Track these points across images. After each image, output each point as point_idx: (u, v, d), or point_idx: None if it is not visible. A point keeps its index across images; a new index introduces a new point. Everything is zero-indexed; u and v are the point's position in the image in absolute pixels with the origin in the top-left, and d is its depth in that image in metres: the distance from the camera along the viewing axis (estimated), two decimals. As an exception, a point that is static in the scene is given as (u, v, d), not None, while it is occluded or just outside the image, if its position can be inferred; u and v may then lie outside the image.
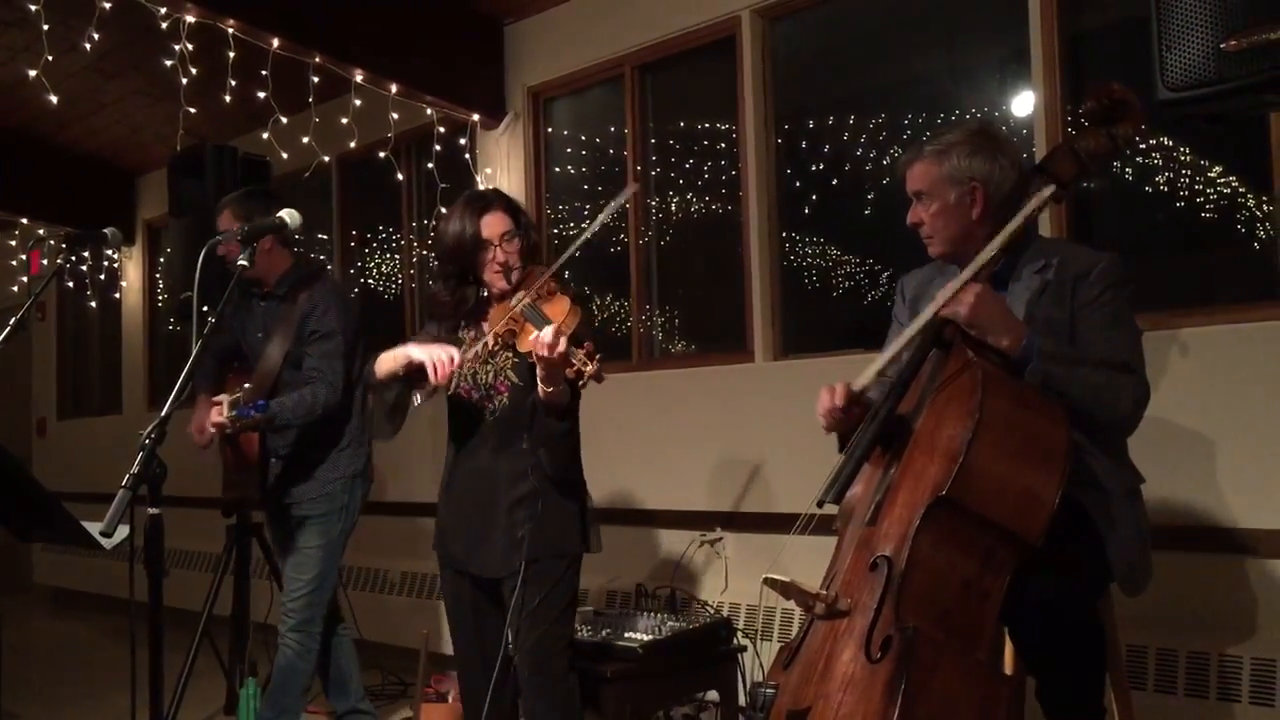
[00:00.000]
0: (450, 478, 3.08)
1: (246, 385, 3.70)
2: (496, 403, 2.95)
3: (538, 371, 2.68)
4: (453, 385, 2.98)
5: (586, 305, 3.01)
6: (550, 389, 2.69)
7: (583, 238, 2.82)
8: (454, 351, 2.78)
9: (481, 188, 5.44)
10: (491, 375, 2.96)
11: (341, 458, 3.75)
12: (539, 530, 2.89)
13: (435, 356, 2.76)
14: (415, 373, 2.82)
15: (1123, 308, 2.39)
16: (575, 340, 2.60)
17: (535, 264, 2.99)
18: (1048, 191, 2.37)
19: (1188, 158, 3.60)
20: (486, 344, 2.85)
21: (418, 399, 2.94)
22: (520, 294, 2.84)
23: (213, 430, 3.58)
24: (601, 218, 2.83)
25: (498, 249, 2.91)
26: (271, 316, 3.78)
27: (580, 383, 2.57)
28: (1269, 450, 3.19)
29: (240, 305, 3.89)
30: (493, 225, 2.92)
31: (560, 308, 2.71)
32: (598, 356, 2.56)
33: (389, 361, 2.87)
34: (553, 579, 2.92)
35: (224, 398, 3.52)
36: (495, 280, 2.94)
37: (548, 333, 2.56)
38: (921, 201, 2.53)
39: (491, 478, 2.96)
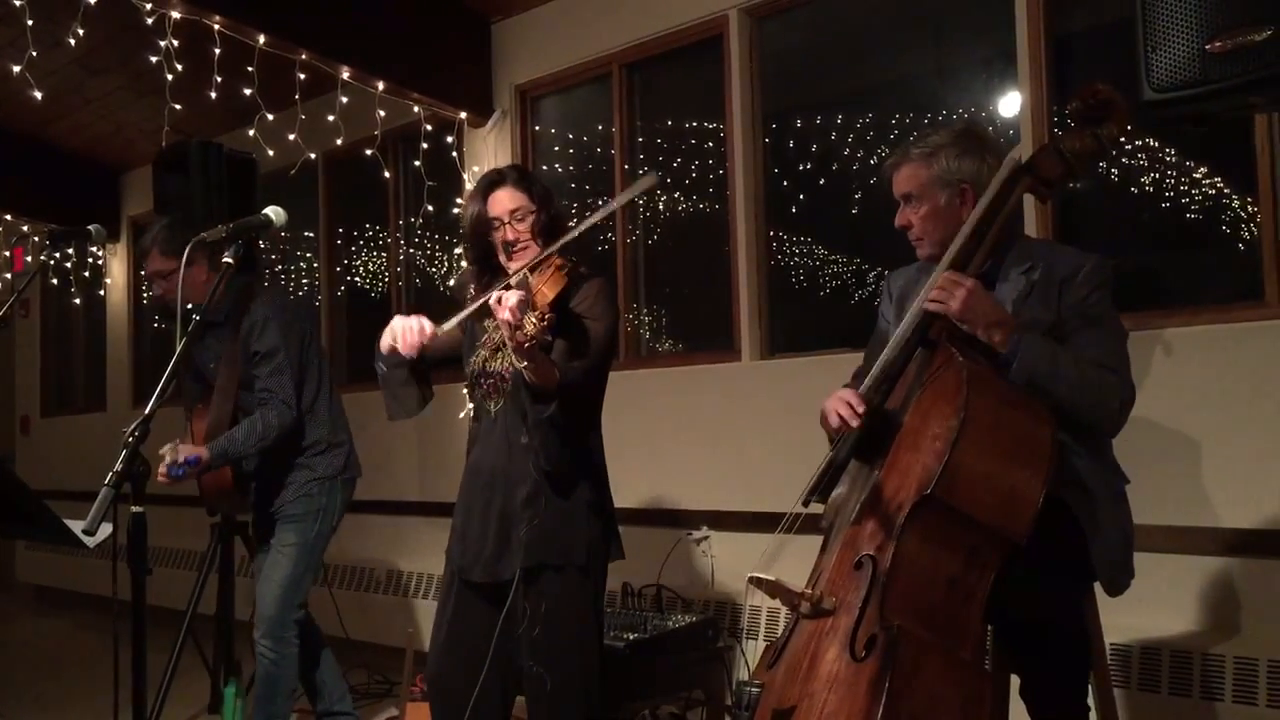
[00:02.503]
0: (464, 475, 2.89)
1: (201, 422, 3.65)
2: (502, 391, 2.76)
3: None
4: (468, 372, 2.84)
5: (607, 282, 2.81)
6: (522, 364, 2.48)
7: (593, 218, 2.68)
8: (425, 321, 2.69)
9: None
10: (500, 363, 2.76)
11: (317, 462, 3.72)
12: (537, 532, 2.66)
13: (405, 325, 2.69)
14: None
15: (1109, 309, 2.40)
16: (558, 308, 2.46)
17: (561, 251, 2.75)
18: (1012, 160, 2.36)
19: (1173, 158, 3.62)
20: (489, 335, 2.74)
21: (382, 368, 2.78)
22: (514, 268, 2.70)
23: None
24: (618, 202, 2.71)
25: (506, 227, 2.76)
26: (220, 343, 3.69)
27: (525, 344, 2.36)
28: (1253, 450, 3.21)
29: (191, 336, 3.82)
30: (500, 203, 2.77)
31: (546, 276, 2.53)
32: (548, 317, 2.37)
33: (383, 337, 2.77)
34: (557, 594, 2.68)
35: (164, 452, 3.40)
36: (505, 262, 2.78)
37: (505, 295, 2.39)
38: (910, 204, 2.52)
39: (494, 476, 2.75)
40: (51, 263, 7.88)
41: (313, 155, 5.31)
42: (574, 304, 2.74)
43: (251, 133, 4.97)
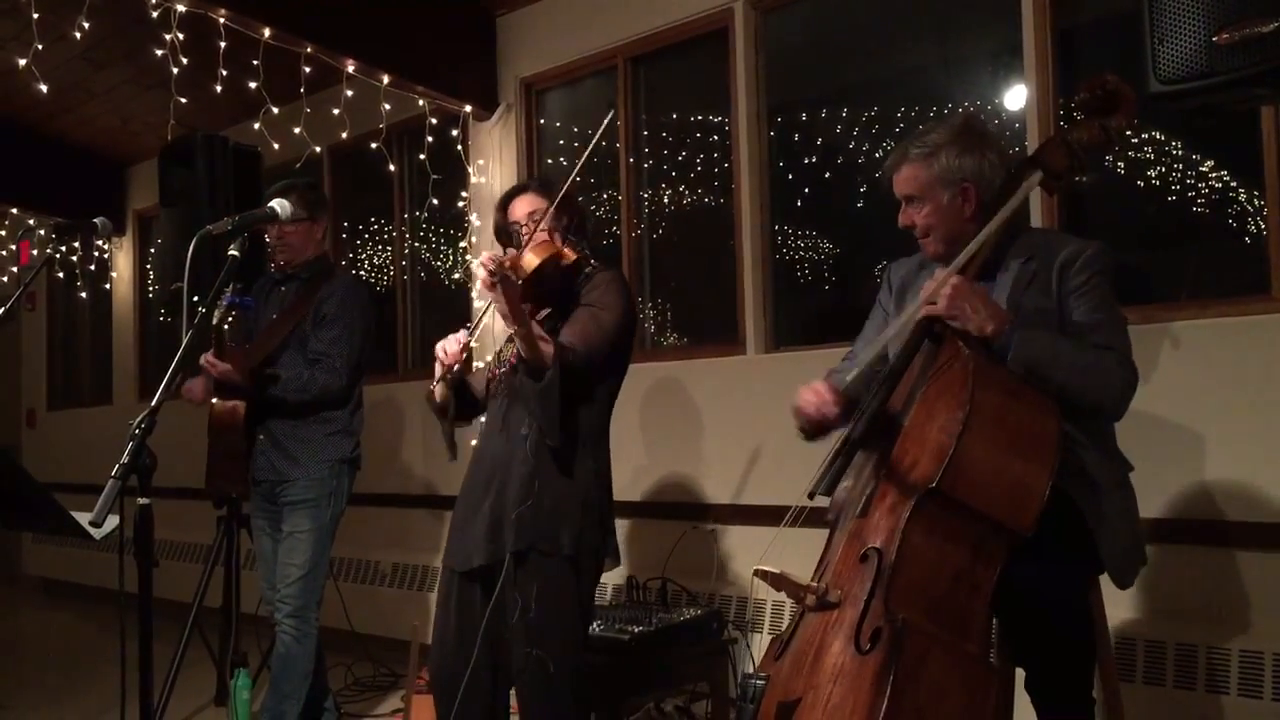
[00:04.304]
0: (468, 466, 2.98)
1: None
2: (508, 382, 2.84)
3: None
4: (487, 367, 2.98)
5: (620, 280, 2.95)
6: (512, 330, 2.60)
7: (573, 174, 2.81)
8: (461, 335, 2.80)
9: (476, 180, 5.44)
10: (509, 351, 2.85)
11: (329, 443, 3.76)
12: (529, 518, 2.70)
13: (441, 345, 2.81)
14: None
15: (1108, 294, 2.39)
16: (540, 278, 2.64)
17: (580, 241, 2.92)
18: (1035, 178, 2.37)
19: (1179, 151, 3.61)
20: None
21: (438, 390, 2.87)
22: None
23: (209, 372, 3.62)
24: (588, 150, 2.82)
25: (524, 228, 2.89)
26: (288, 298, 3.84)
27: (490, 283, 2.49)
28: (1259, 444, 3.20)
29: (259, 290, 3.95)
30: (517, 209, 2.92)
31: (534, 243, 2.70)
32: (519, 266, 2.56)
33: (432, 387, 2.89)
34: (546, 579, 2.72)
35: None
36: None
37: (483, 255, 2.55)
38: (913, 205, 2.51)
39: (493, 462, 2.82)
40: (57, 256, 7.91)
41: (317, 148, 5.31)
42: (584, 295, 2.83)
43: (256, 126, 4.97)
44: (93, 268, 8.06)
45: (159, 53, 4.73)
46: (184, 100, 4.91)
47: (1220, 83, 2.16)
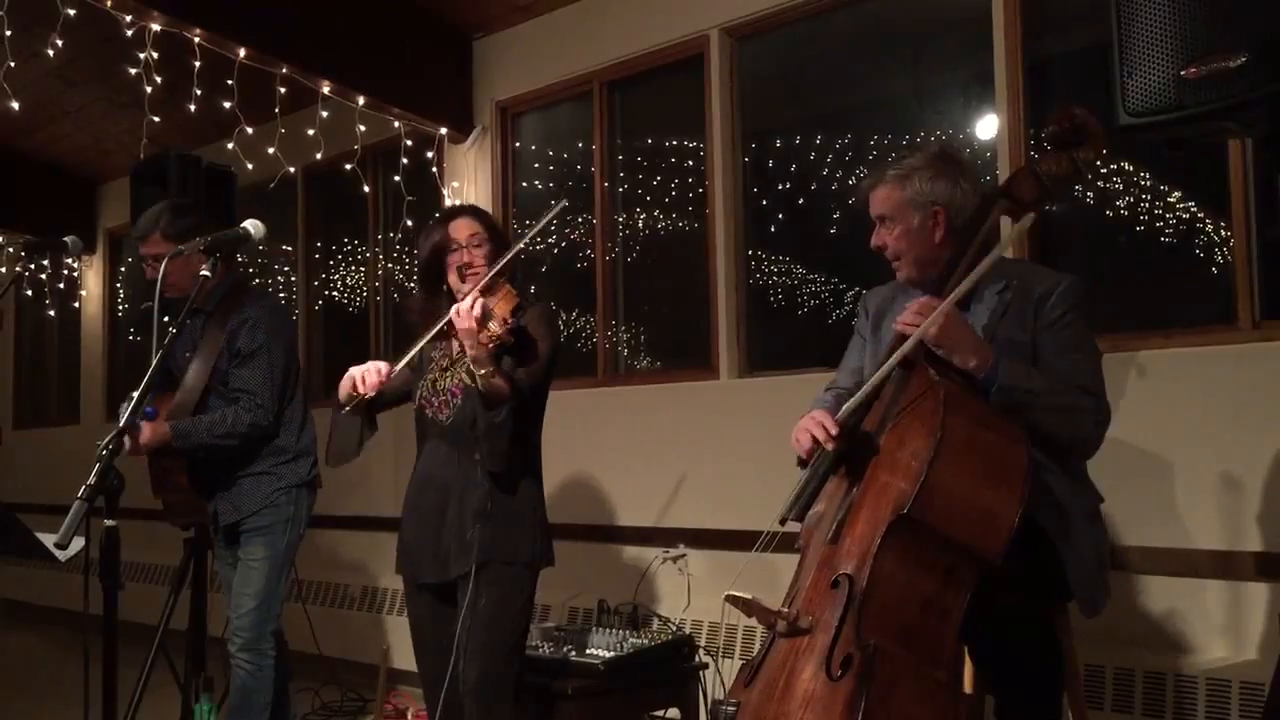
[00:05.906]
0: (409, 490, 3.12)
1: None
2: (452, 406, 2.98)
3: (465, 350, 2.78)
4: (416, 397, 3.07)
5: (551, 313, 3.11)
6: (480, 372, 2.76)
7: (522, 241, 3.02)
8: (382, 365, 2.92)
9: (449, 203, 5.44)
10: (449, 381, 3.00)
11: (283, 470, 3.65)
12: (489, 534, 2.89)
13: (363, 370, 2.93)
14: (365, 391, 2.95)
15: (1083, 330, 2.41)
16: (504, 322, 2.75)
17: (508, 276, 3.00)
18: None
19: (1148, 182, 3.65)
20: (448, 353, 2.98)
21: (345, 410, 2.98)
22: (465, 289, 2.92)
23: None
24: (535, 230, 3.07)
25: (463, 250, 3.01)
26: (198, 334, 3.62)
27: (491, 344, 2.68)
28: (1225, 472, 3.23)
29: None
30: (460, 228, 3.04)
31: (499, 296, 2.83)
32: (509, 322, 2.70)
33: (342, 384, 2.99)
34: (504, 584, 2.91)
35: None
36: (457, 284, 3.00)
37: (465, 300, 2.70)
38: (885, 225, 2.55)
39: (446, 486, 2.97)
40: (26, 274, 7.82)
41: (291, 169, 5.30)
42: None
43: (230, 146, 4.95)
44: (62, 286, 7.99)
45: (133, 71, 4.71)
46: (157, 119, 4.89)
47: (1188, 116, 2.19)
